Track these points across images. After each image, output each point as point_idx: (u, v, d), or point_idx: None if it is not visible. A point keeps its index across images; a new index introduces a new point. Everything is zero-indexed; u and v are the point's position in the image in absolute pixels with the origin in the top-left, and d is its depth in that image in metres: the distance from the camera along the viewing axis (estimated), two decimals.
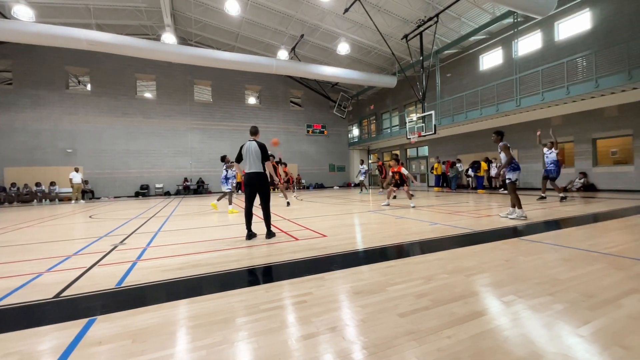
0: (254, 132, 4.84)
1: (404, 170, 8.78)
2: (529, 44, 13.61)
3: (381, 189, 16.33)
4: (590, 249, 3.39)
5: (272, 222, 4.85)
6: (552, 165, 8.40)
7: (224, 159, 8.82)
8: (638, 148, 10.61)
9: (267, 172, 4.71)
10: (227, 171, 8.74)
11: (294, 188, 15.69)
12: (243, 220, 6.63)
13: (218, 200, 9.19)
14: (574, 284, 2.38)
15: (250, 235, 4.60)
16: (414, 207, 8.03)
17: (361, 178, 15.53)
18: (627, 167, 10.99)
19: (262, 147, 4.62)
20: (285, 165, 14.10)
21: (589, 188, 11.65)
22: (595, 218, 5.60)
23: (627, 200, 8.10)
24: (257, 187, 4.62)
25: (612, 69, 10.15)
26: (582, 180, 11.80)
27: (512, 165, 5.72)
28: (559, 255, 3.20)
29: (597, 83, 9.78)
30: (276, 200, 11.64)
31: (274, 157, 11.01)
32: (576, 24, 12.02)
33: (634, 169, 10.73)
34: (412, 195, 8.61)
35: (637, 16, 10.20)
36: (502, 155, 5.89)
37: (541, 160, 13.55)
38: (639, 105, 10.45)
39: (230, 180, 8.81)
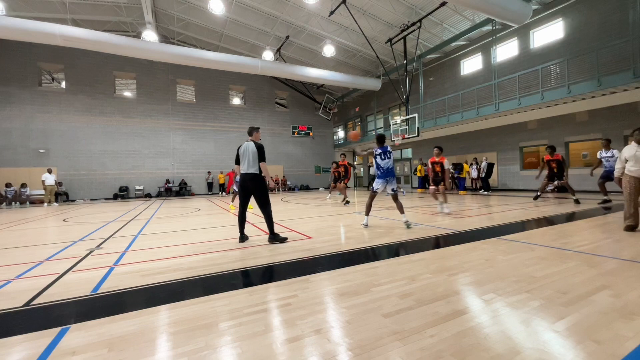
0: (251, 132, 4.61)
1: (446, 164, 7.08)
2: (507, 50, 14.16)
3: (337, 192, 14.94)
4: (564, 248, 3.55)
5: (257, 224, 4.79)
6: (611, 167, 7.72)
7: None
8: None
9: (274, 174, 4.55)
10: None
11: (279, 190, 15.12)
12: (227, 222, 6.53)
13: (232, 201, 10.17)
14: (549, 281, 2.48)
15: (243, 238, 4.47)
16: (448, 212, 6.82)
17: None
18: (597, 169, 11.56)
19: (260, 148, 4.42)
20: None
21: (561, 189, 12.19)
22: (568, 218, 5.87)
23: (597, 201, 8.54)
24: (251, 190, 4.41)
25: (583, 76, 10.71)
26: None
27: (378, 172, 5.40)
28: (535, 253, 3.32)
29: (569, 89, 10.28)
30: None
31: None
32: (550, 33, 12.61)
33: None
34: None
35: (605, 26, 10.82)
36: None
37: (518, 162, 14.11)
38: (607, 111, 11.07)
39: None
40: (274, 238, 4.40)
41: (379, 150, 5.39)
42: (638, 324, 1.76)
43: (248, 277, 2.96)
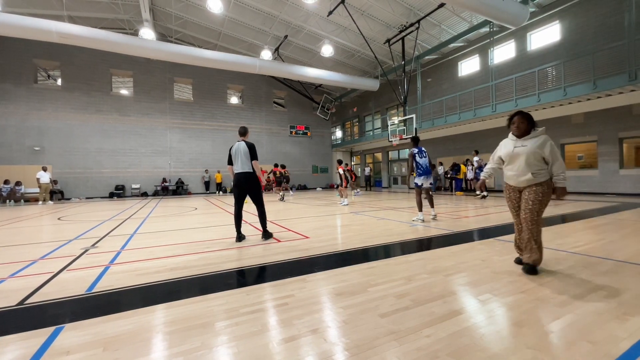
0: (243, 132, 4.72)
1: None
2: (504, 52, 14.24)
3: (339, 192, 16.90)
4: (559, 249, 3.57)
5: (254, 224, 4.79)
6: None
7: None
8: (602, 153, 11.32)
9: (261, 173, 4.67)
10: None
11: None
12: (224, 221, 6.52)
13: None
14: (544, 282, 2.49)
15: (240, 237, 4.51)
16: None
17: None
18: (592, 171, 11.70)
19: (251, 147, 4.53)
20: (279, 166, 14.77)
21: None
22: (563, 219, 5.91)
23: (591, 202, 8.61)
24: (246, 189, 4.52)
25: (579, 78, 10.81)
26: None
27: (418, 171, 6.03)
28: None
29: (565, 91, 10.36)
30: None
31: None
32: (547, 35, 12.70)
33: (598, 173, 11.43)
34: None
35: (601, 29, 10.92)
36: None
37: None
38: (603, 113, 11.17)
39: None
40: (266, 235, 4.60)
41: (416, 150, 6.00)
42: (632, 325, 1.78)
43: (245, 277, 2.95)
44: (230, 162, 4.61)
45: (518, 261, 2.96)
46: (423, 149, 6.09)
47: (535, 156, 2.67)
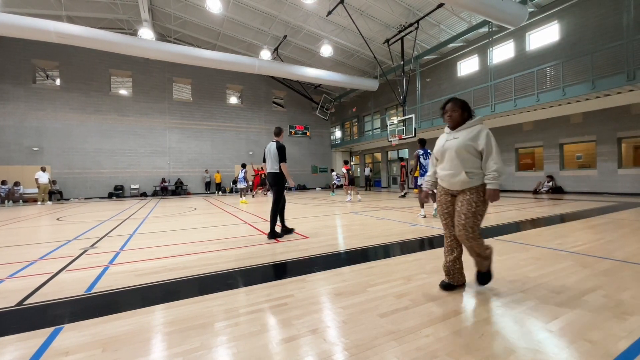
0: (277, 132, 4.96)
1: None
2: (503, 52, 14.26)
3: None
4: (558, 248, 3.58)
5: (253, 224, 4.80)
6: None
7: (244, 165, 13.13)
8: (600, 153, 11.35)
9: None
10: (243, 173, 12.95)
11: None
12: (223, 221, 6.52)
13: (241, 197, 12.84)
14: (543, 282, 2.50)
15: (273, 234, 4.67)
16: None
17: (335, 182, 17.42)
18: (591, 170, 11.72)
19: (279, 149, 4.73)
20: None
21: (556, 190, 12.33)
22: (562, 219, 5.92)
23: (590, 202, 8.63)
24: (273, 186, 4.81)
25: (578, 78, 10.83)
26: (550, 183, 12.47)
27: (421, 171, 6.43)
28: (530, 254, 3.35)
29: (564, 91, 10.38)
30: (260, 201, 11.49)
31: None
32: (545, 35, 12.72)
33: (597, 172, 11.47)
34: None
35: (599, 29, 10.94)
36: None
37: (513, 163, 14.24)
38: (601, 113, 11.20)
39: (245, 179, 13.04)
40: (272, 235, 4.63)
41: (422, 151, 6.34)
42: (630, 324, 1.78)
43: (244, 277, 2.94)
44: (264, 160, 4.95)
45: (444, 286, 2.38)
46: (429, 150, 6.35)
47: (467, 149, 2.21)
